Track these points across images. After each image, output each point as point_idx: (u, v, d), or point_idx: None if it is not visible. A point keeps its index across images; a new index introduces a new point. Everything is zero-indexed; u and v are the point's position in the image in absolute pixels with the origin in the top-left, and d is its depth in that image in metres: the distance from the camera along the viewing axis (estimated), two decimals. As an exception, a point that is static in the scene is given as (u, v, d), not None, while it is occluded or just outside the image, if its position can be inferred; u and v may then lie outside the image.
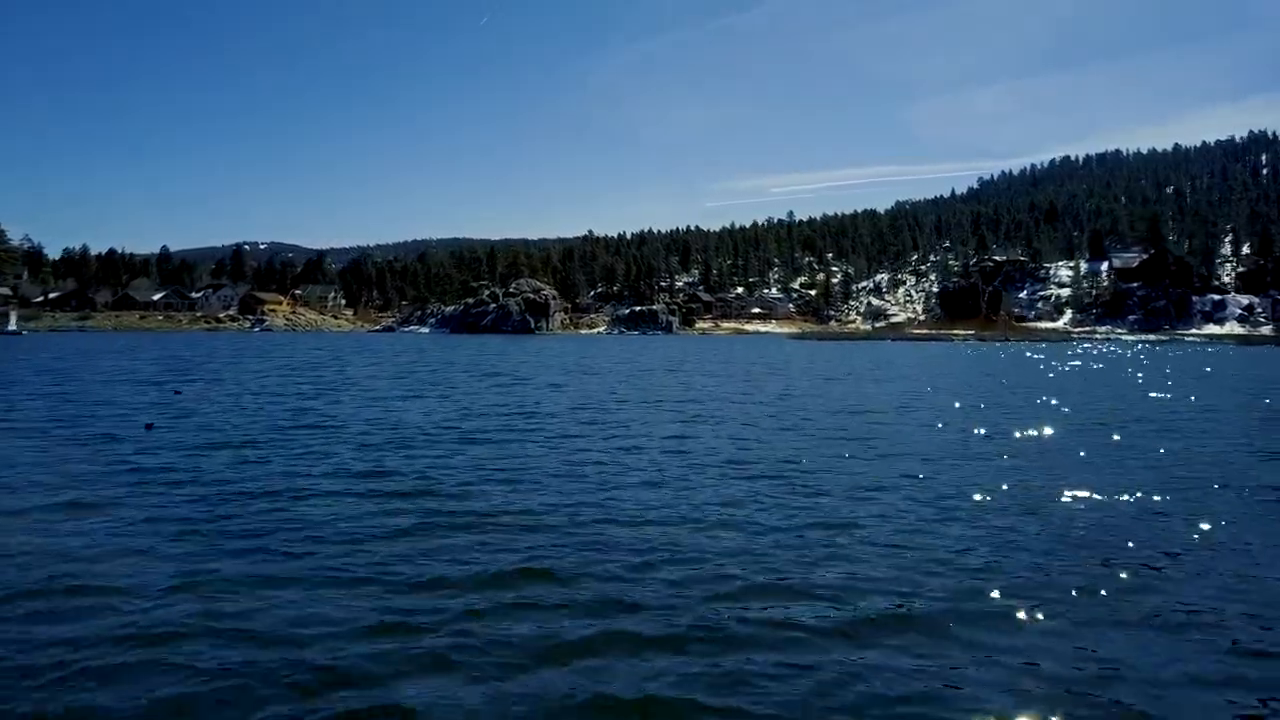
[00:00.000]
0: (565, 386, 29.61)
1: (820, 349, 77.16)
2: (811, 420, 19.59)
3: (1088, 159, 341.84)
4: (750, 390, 28.82)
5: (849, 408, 22.58)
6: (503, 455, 14.11)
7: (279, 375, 33.87)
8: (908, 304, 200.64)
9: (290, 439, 15.72)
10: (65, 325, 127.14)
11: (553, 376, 34.77)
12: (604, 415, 20.50)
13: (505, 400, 24.08)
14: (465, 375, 35.33)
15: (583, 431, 17.26)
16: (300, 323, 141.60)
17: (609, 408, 22.41)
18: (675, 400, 24.75)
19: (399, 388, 28.52)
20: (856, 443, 15.64)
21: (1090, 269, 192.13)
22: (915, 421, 19.39)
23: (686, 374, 37.32)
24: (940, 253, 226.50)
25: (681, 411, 21.51)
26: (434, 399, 24.22)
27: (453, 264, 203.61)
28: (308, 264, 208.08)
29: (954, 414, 21.10)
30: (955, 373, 40.39)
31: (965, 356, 61.71)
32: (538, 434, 16.75)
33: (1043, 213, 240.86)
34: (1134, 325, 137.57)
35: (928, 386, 30.72)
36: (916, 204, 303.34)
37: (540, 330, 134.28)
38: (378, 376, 33.96)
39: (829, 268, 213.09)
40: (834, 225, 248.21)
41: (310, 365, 41.81)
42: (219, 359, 46.90)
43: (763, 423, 19.07)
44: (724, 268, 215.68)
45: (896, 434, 17.01)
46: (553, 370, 39.16)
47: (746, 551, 8.26)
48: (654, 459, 13.79)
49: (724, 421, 19.30)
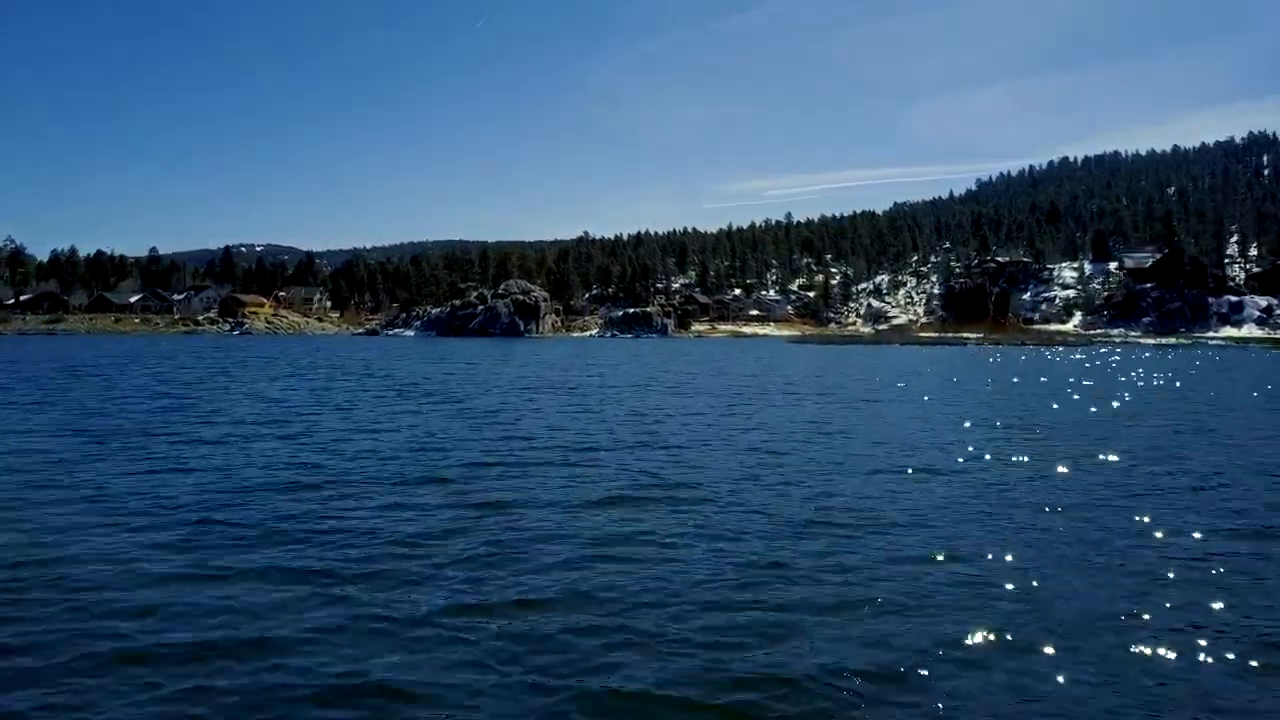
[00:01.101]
0: (472, 411, 21.14)
1: (824, 355, 68.47)
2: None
3: (1086, 160, 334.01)
4: (749, 430, 19.44)
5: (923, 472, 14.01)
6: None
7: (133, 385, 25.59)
8: (908, 306, 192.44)
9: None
10: (33, 329, 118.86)
11: (486, 398, 26.23)
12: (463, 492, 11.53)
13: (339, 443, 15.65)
14: (371, 396, 26.82)
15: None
16: (282, 325, 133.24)
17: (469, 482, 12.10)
18: (606, 474, 13.46)
19: (222, 420, 19.73)
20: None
21: (1095, 270, 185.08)
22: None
23: (660, 393, 28.69)
24: (941, 254, 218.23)
25: (610, 505, 10.60)
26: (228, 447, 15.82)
27: (446, 265, 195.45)
28: (299, 266, 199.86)
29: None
30: (1014, 391, 31.71)
31: (994, 365, 52.98)
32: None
33: (1044, 213, 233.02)
34: (1148, 328, 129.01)
35: (1000, 419, 22.19)
36: (915, 205, 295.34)
37: (530, 333, 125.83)
38: (232, 391, 25.59)
39: (828, 269, 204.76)
40: (832, 226, 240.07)
41: (204, 375, 33.36)
42: (108, 369, 38.37)
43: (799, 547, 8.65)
44: (721, 269, 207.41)
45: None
46: (499, 389, 30.61)
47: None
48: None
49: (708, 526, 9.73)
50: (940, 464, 13.62)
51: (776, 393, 28.29)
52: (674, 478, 12.27)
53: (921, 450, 15.10)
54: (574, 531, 9.08)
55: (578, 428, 18.14)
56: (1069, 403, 25.39)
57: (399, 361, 49.27)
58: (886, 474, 12.64)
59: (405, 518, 9.61)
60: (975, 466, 13.47)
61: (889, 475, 12.54)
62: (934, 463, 13.73)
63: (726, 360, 55.28)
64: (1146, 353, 75.61)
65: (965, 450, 15.08)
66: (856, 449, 15.24)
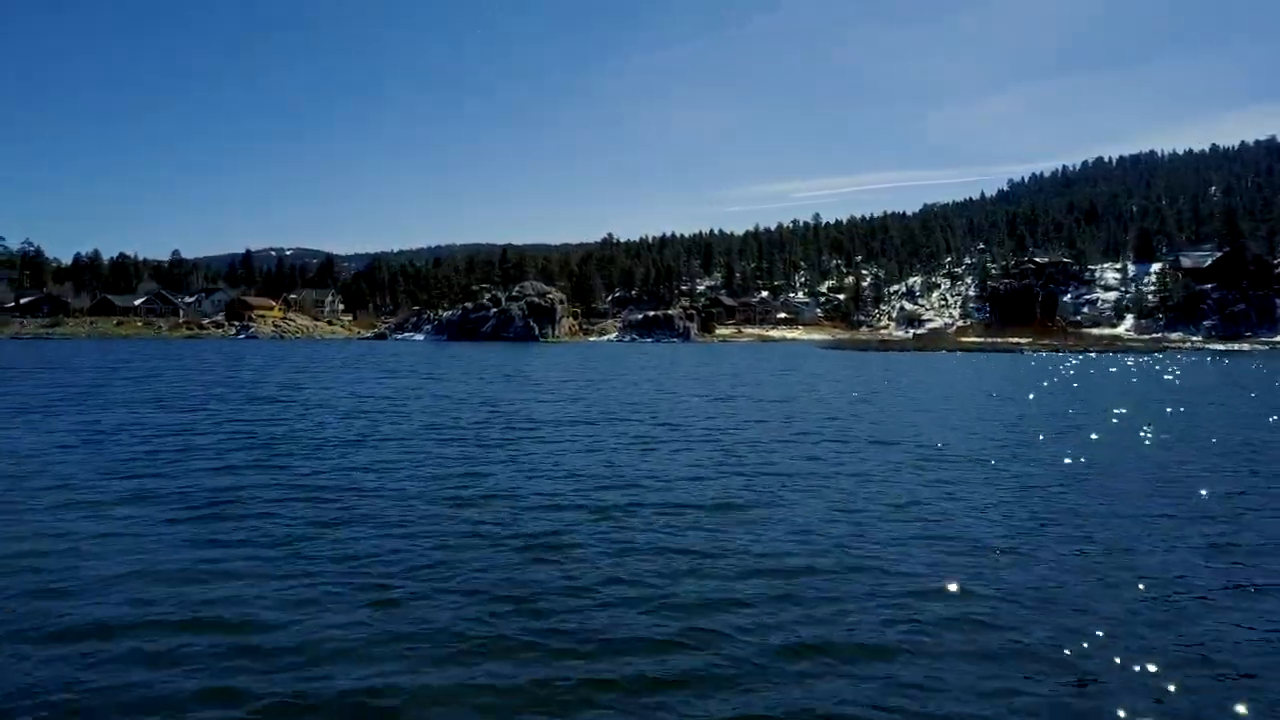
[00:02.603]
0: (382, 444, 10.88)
1: (866, 364, 57.18)
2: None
3: (1121, 160, 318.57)
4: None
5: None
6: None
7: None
8: (943, 308, 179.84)
9: None
10: (29, 333, 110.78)
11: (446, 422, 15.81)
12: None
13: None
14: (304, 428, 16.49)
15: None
16: (290, 329, 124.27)
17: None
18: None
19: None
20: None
21: (1139, 270, 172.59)
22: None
23: (653, 432, 18.03)
24: (975, 255, 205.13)
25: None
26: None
27: (466, 268, 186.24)
28: (319, 268, 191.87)
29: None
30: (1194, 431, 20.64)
31: (1092, 380, 41.51)
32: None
33: (1083, 213, 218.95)
34: (1210, 332, 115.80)
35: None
36: (945, 206, 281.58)
37: (545, 337, 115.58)
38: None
39: (858, 270, 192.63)
40: (862, 227, 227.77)
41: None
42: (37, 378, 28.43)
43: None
44: (748, 271, 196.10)
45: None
46: (467, 404, 20.28)
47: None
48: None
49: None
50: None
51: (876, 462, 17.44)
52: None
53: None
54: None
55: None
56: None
57: (348, 375, 38.90)
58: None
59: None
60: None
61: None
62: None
63: (752, 371, 44.22)
64: (1232, 360, 63.44)
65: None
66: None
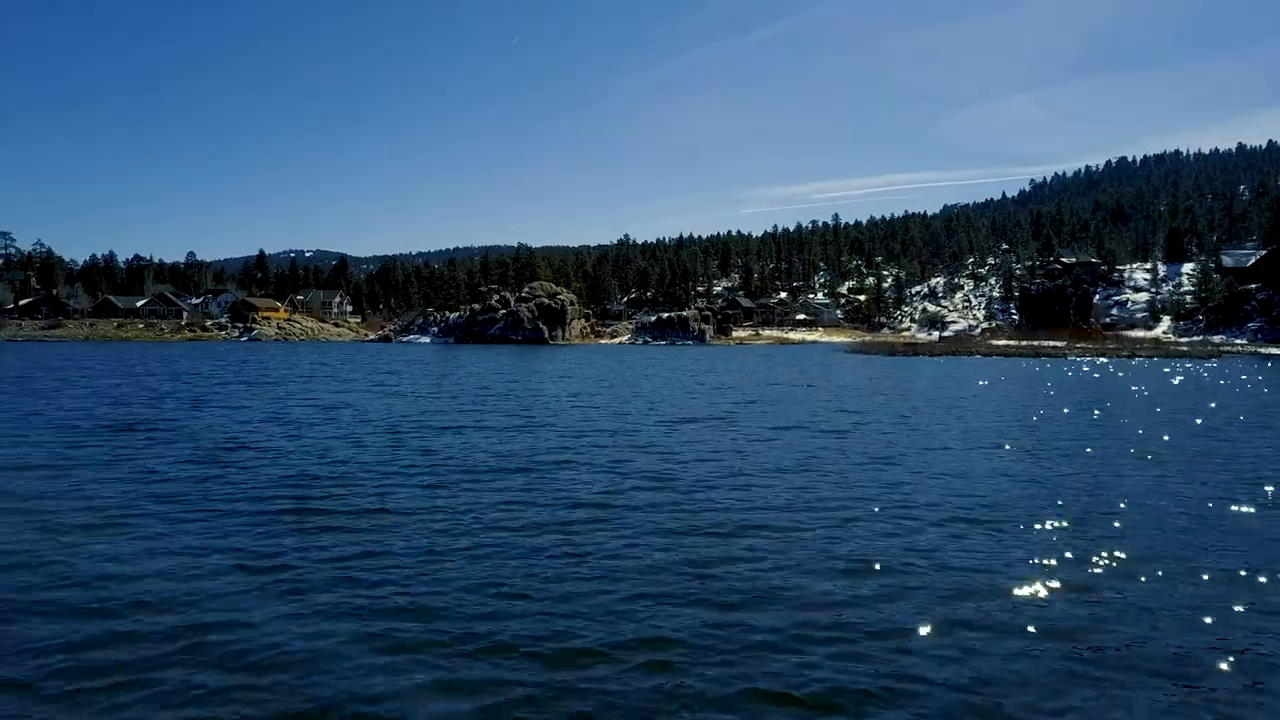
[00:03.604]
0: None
1: (903, 370, 49.92)
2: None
3: (1145, 159, 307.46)
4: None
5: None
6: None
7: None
8: (966, 310, 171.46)
9: None
10: (25, 336, 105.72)
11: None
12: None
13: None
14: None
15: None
16: (294, 331, 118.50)
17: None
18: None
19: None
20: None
21: (1169, 271, 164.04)
22: None
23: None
24: (999, 255, 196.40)
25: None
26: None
27: (481, 269, 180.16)
28: (333, 270, 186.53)
29: None
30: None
31: (1185, 394, 34.09)
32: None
33: (1109, 212, 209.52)
34: (1256, 335, 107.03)
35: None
36: (966, 207, 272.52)
37: (555, 340, 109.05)
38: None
39: (879, 271, 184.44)
40: (882, 227, 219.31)
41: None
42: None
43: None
44: (766, 272, 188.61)
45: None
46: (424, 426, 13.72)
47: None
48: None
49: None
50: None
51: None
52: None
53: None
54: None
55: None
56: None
57: (294, 387, 32.35)
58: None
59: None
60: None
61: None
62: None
63: (774, 376, 37.14)
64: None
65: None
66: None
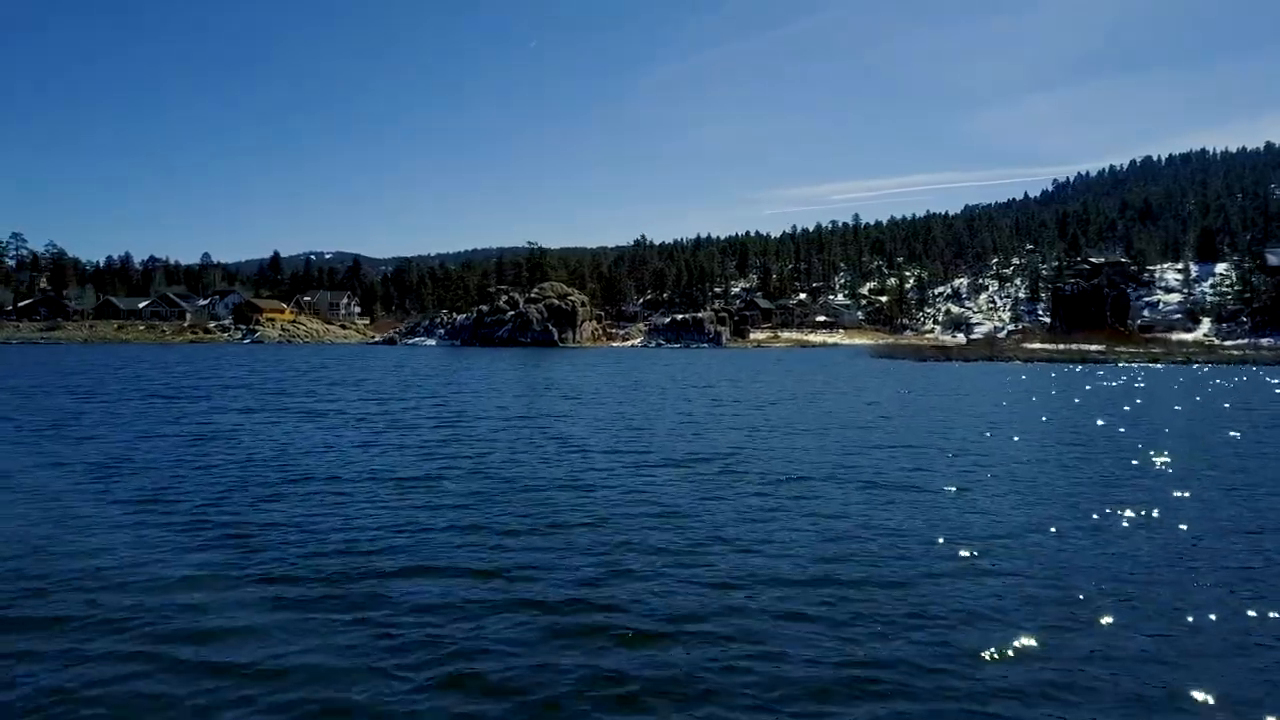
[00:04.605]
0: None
1: (946, 380, 43.15)
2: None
3: (1171, 159, 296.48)
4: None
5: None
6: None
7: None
8: (992, 311, 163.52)
9: None
10: (24, 338, 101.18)
11: None
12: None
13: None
14: None
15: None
16: (299, 333, 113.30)
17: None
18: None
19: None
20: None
21: (1201, 271, 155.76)
22: None
23: None
24: (1024, 255, 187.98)
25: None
26: None
27: (496, 270, 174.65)
28: (347, 271, 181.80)
29: None
30: None
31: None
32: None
33: (1137, 212, 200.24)
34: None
35: None
36: (988, 207, 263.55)
37: (565, 342, 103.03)
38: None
39: (901, 272, 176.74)
40: (904, 227, 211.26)
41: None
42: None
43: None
44: (785, 273, 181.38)
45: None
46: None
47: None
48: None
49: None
50: None
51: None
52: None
53: None
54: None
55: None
56: None
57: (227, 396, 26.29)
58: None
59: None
60: None
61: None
62: None
63: (791, 385, 30.60)
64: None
65: None
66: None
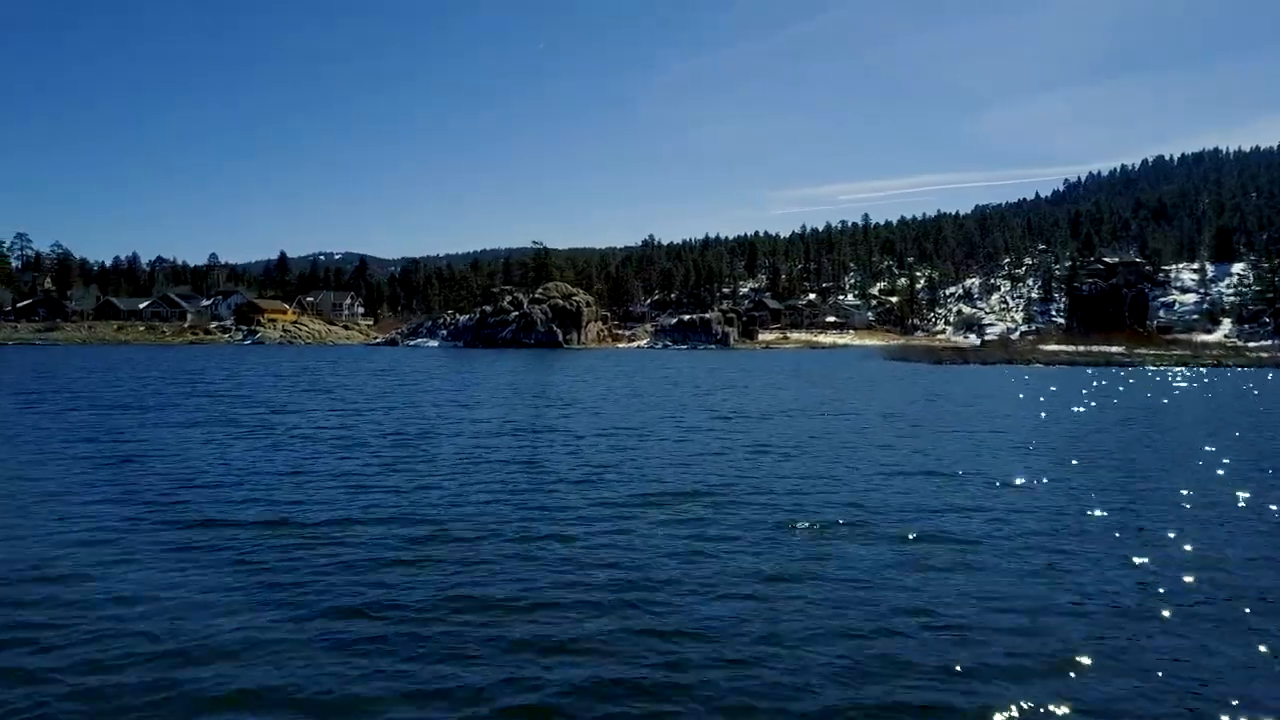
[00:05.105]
0: None
1: (966, 385, 39.99)
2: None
3: (1184, 158, 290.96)
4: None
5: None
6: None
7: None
8: (1004, 312, 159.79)
9: None
10: (20, 339, 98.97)
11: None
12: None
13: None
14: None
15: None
16: (301, 334, 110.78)
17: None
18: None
19: None
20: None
21: (1218, 271, 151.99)
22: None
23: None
24: (1036, 255, 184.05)
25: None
26: None
27: (504, 270, 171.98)
28: (354, 271, 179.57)
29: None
30: None
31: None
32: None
33: (1151, 211, 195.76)
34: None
35: None
36: (999, 207, 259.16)
37: (570, 343, 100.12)
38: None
39: (912, 272, 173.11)
40: (914, 227, 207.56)
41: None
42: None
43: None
44: (794, 273, 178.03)
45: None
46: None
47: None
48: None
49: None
50: None
51: None
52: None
53: None
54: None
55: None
56: None
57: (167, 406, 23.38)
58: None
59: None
60: None
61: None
62: None
63: (806, 395, 27.48)
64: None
65: None
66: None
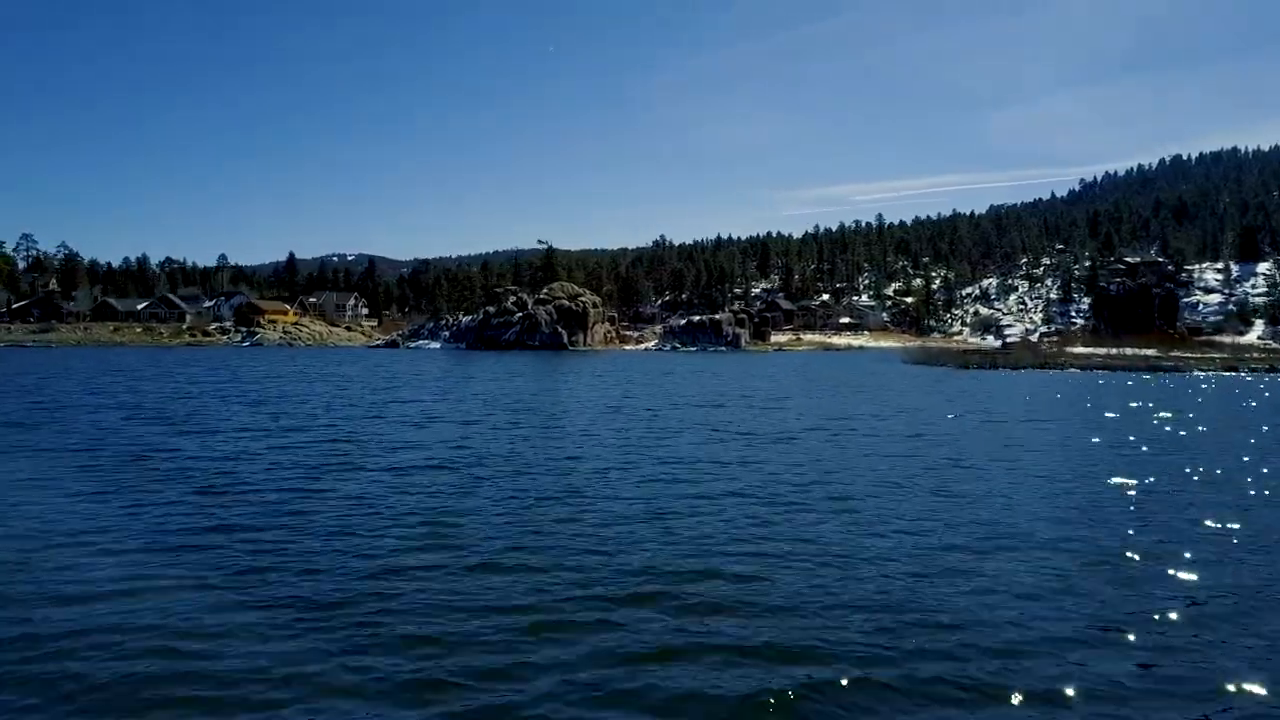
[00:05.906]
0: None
1: (1007, 395, 35.10)
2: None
3: (1202, 157, 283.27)
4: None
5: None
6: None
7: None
8: (1023, 313, 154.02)
9: None
10: (14, 340, 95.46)
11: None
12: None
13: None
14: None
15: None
16: (300, 335, 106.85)
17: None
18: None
19: None
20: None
21: (1242, 271, 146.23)
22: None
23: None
24: (1055, 255, 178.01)
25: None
26: None
27: (513, 271, 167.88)
28: (362, 272, 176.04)
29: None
30: None
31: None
32: None
33: (1172, 210, 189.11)
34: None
35: None
36: (1014, 207, 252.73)
37: (576, 345, 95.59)
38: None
39: (927, 272, 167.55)
40: (929, 227, 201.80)
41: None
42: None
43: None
44: (807, 273, 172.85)
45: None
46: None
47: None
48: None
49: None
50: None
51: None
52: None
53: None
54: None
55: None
56: None
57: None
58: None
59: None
60: None
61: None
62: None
63: (826, 406, 22.78)
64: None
65: None
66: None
